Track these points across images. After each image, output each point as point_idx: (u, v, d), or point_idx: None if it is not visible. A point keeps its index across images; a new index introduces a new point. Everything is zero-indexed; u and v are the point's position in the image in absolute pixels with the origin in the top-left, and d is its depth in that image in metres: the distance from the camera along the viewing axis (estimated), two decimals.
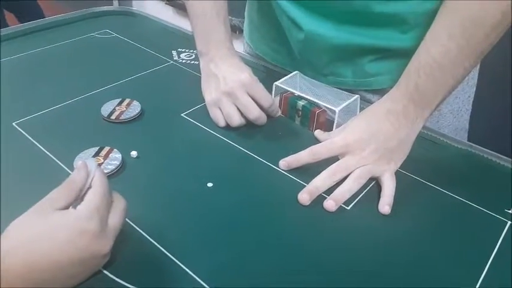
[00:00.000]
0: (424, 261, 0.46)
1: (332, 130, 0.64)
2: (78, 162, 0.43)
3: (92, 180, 0.42)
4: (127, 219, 0.48)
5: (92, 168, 0.43)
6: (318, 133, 0.64)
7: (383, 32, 0.63)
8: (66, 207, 0.40)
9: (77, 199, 0.41)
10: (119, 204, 0.43)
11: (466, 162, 0.62)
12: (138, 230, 0.47)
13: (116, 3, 2.42)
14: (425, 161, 0.62)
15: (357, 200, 0.54)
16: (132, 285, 0.42)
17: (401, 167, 0.59)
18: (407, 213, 0.52)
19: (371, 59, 0.67)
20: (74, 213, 0.39)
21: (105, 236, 0.40)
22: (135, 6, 1.13)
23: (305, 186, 0.55)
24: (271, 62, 0.81)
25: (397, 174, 0.58)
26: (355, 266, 0.45)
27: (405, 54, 0.66)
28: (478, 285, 0.44)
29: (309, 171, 0.57)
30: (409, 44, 0.64)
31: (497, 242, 0.49)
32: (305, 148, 0.62)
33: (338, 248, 0.47)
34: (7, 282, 0.34)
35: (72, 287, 0.40)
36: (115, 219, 0.42)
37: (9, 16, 2.06)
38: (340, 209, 0.52)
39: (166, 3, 2.21)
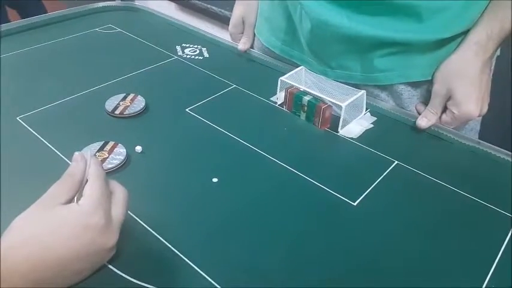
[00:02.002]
0: (431, 258, 0.46)
1: (337, 126, 0.64)
2: (74, 154, 0.42)
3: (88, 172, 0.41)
4: (132, 214, 0.48)
5: (87, 159, 0.42)
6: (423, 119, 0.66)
7: (395, 24, 0.63)
8: (69, 202, 0.39)
9: (78, 192, 0.40)
10: (120, 194, 0.42)
11: (473, 159, 0.62)
12: (143, 225, 0.47)
13: None
14: (433, 157, 0.61)
15: (363, 195, 0.53)
16: (138, 280, 0.41)
17: (408, 163, 0.59)
18: (414, 209, 0.52)
19: (382, 54, 0.66)
20: (77, 208, 0.38)
21: (110, 230, 0.39)
22: (138, 2, 1.12)
23: (311, 182, 0.55)
24: (280, 55, 0.80)
25: (404, 171, 0.58)
26: (361, 262, 0.45)
27: (416, 50, 0.65)
28: (485, 283, 0.44)
29: (316, 168, 0.57)
30: (420, 37, 0.63)
31: (505, 240, 0.48)
32: (311, 144, 0.62)
33: (345, 244, 0.47)
34: (10, 281, 0.34)
35: (78, 282, 0.40)
36: (118, 210, 0.41)
37: (11, 12, 2.06)
38: (347, 204, 0.52)
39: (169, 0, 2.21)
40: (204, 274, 0.42)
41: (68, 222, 0.37)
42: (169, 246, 0.45)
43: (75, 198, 0.40)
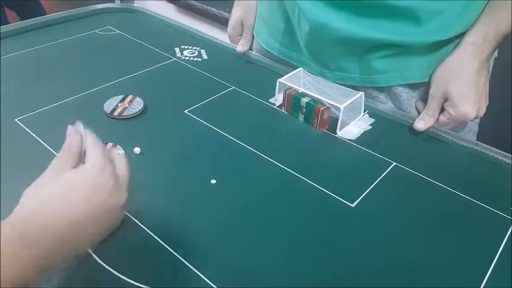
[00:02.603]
0: (429, 260, 0.46)
1: (336, 127, 0.64)
2: (68, 128, 0.43)
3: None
4: (130, 215, 0.48)
5: (81, 132, 0.43)
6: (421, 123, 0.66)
7: (394, 26, 0.63)
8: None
9: (79, 162, 0.41)
10: (120, 158, 0.44)
11: (471, 161, 0.62)
12: (141, 227, 0.47)
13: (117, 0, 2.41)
14: (431, 159, 0.61)
15: (361, 197, 0.53)
16: (136, 282, 0.41)
17: (407, 165, 0.59)
18: (412, 211, 0.52)
19: (380, 56, 0.67)
20: (85, 169, 0.39)
21: (118, 188, 0.40)
22: (137, 4, 1.12)
23: (309, 183, 0.55)
24: (278, 56, 0.80)
25: (403, 172, 0.58)
26: (360, 263, 0.45)
27: (414, 51, 0.66)
28: (483, 284, 0.44)
29: (314, 170, 0.57)
30: (418, 39, 0.63)
31: (503, 241, 0.49)
32: (309, 145, 0.62)
33: (343, 245, 0.47)
34: (37, 246, 0.34)
35: (97, 242, 0.40)
36: (122, 170, 0.42)
37: (10, 14, 2.06)
38: (345, 206, 0.52)
39: (167, 1, 2.21)
40: (202, 276, 0.42)
41: (78, 185, 0.38)
42: (167, 247, 0.45)
43: None
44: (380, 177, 0.56)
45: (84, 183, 0.38)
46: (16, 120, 0.63)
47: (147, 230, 0.47)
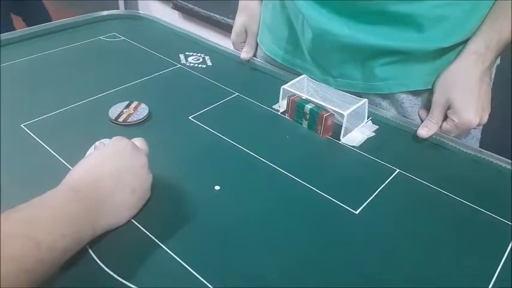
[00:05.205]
0: (433, 267, 0.46)
1: (339, 134, 0.64)
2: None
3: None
4: (133, 220, 0.48)
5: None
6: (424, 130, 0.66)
7: (396, 32, 0.63)
8: None
9: None
10: (137, 138, 0.53)
11: (475, 168, 0.62)
12: (144, 232, 0.47)
13: (121, 5, 2.42)
14: (435, 166, 0.62)
15: (365, 204, 0.53)
16: (138, 286, 0.42)
17: (410, 172, 0.59)
18: (416, 218, 0.52)
19: (382, 62, 0.67)
20: (108, 143, 0.50)
21: (138, 150, 0.50)
22: (141, 10, 1.13)
23: (313, 190, 0.55)
24: (282, 63, 0.81)
25: (406, 179, 0.58)
26: (363, 270, 0.45)
27: (416, 59, 0.66)
28: None
29: (317, 176, 0.57)
30: (420, 46, 0.64)
31: (507, 249, 0.49)
32: (313, 152, 0.63)
33: (346, 252, 0.47)
34: (82, 199, 0.43)
35: (135, 205, 0.49)
36: (139, 143, 0.52)
37: (16, 20, 2.08)
38: (349, 213, 0.52)
39: (172, 8, 2.22)
40: (204, 281, 0.43)
41: (107, 150, 0.49)
42: (170, 252, 0.45)
43: None
44: (383, 184, 0.57)
45: (112, 148, 0.49)
46: (22, 125, 0.63)
47: (149, 234, 0.47)
